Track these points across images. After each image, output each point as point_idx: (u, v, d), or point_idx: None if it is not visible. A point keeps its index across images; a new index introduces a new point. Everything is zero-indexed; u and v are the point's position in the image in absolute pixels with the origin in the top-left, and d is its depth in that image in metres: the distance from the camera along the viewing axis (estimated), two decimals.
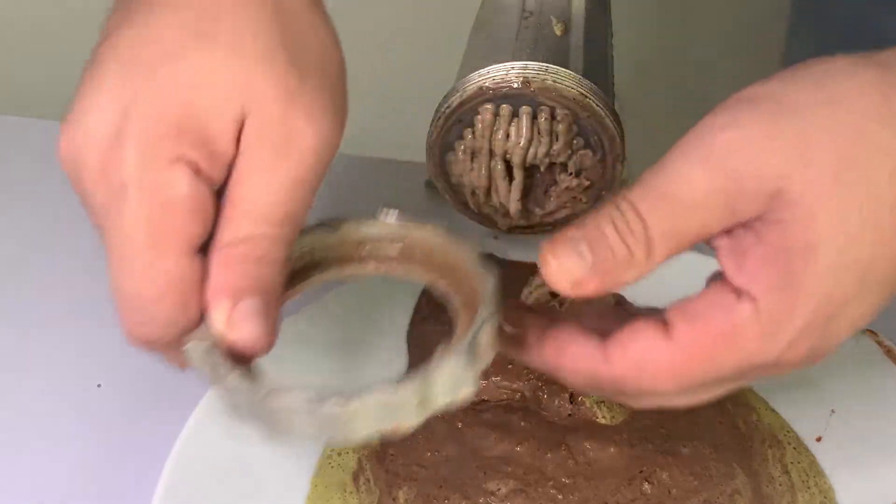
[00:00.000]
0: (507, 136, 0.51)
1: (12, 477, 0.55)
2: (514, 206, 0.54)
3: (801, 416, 0.54)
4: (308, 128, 0.38)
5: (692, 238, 0.36)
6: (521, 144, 0.51)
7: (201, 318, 0.38)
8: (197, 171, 0.36)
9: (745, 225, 0.36)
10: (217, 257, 0.37)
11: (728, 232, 0.36)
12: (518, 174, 0.53)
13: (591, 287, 0.36)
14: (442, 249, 0.42)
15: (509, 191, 0.53)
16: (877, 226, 0.35)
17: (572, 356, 0.38)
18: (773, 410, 0.55)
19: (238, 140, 0.37)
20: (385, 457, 0.51)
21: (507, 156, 0.52)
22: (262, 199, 0.37)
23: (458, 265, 0.42)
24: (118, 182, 0.37)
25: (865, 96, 0.35)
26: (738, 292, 0.35)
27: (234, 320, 0.37)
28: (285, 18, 0.38)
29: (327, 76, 0.39)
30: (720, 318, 0.35)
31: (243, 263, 0.37)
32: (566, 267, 0.36)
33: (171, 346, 0.38)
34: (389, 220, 0.44)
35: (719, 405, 0.54)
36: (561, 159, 0.52)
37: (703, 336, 0.36)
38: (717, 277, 0.37)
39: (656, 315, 0.37)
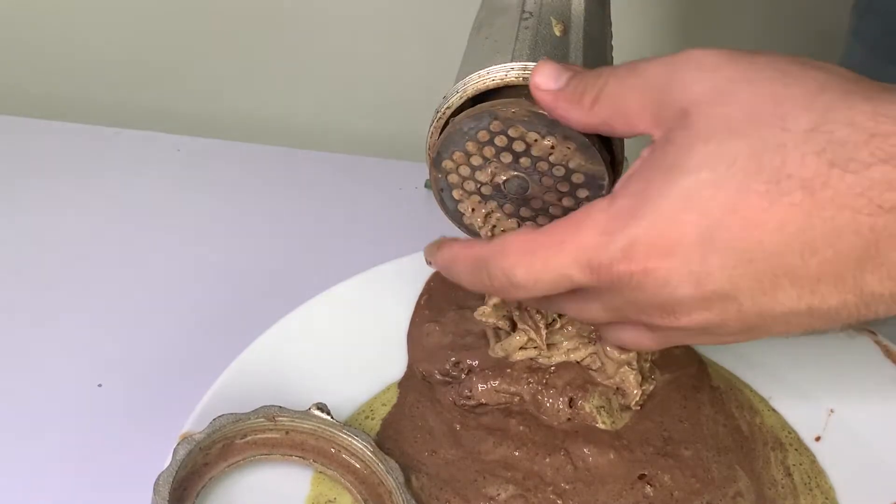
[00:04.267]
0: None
1: (13, 476, 0.55)
2: None
3: (800, 415, 0.55)
4: None
5: (627, 113, 0.40)
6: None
7: None
8: None
9: (655, 143, 0.38)
10: None
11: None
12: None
13: (541, 95, 0.43)
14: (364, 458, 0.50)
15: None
16: (742, 186, 0.35)
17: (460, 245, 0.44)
18: (773, 410, 0.55)
19: None
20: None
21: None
22: None
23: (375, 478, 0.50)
24: None
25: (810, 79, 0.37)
26: (613, 194, 0.38)
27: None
28: None
29: None
30: (583, 211, 0.39)
31: None
32: (542, 76, 0.43)
33: None
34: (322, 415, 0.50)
35: (723, 408, 0.55)
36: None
37: (562, 223, 0.39)
38: None
39: None
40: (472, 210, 0.49)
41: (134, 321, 0.64)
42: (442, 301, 0.59)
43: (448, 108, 0.49)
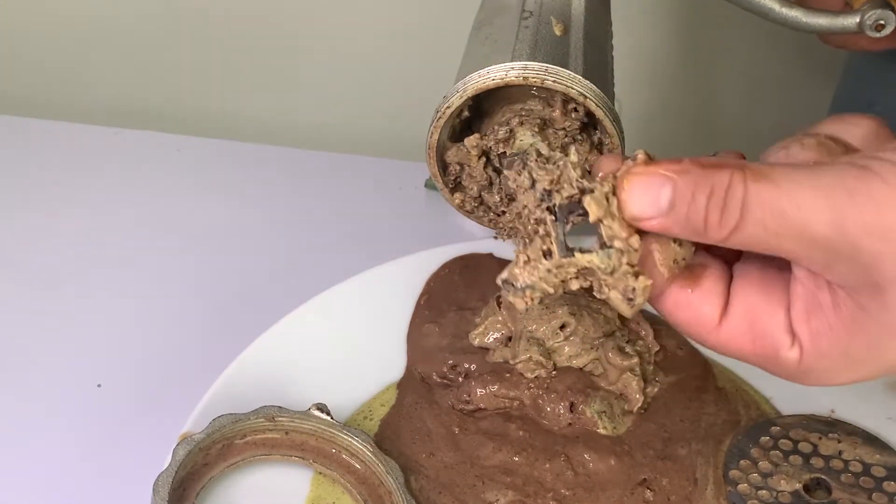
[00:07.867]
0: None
1: (12, 476, 0.55)
2: None
3: (800, 415, 0.54)
4: None
5: (773, 251, 0.34)
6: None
7: None
8: None
9: (829, 282, 0.34)
10: None
11: (810, 273, 0.34)
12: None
13: (651, 226, 0.35)
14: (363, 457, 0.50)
15: None
16: None
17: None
18: (774, 409, 0.55)
19: None
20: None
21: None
22: None
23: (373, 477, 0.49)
24: None
25: None
26: (793, 335, 0.35)
27: None
28: None
29: None
30: (767, 342, 0.36)
31: None
32: (635, 203, 0.34)
33: None
34: (322, 415, 0.50)
35: (727, 406, 0.54)
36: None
37: (747, 343, 0.36)
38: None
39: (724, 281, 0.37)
40: None
41: (134, 321, 0.64)
42: (442, 302, 0.59)
43: (448, 107, 0.49)
